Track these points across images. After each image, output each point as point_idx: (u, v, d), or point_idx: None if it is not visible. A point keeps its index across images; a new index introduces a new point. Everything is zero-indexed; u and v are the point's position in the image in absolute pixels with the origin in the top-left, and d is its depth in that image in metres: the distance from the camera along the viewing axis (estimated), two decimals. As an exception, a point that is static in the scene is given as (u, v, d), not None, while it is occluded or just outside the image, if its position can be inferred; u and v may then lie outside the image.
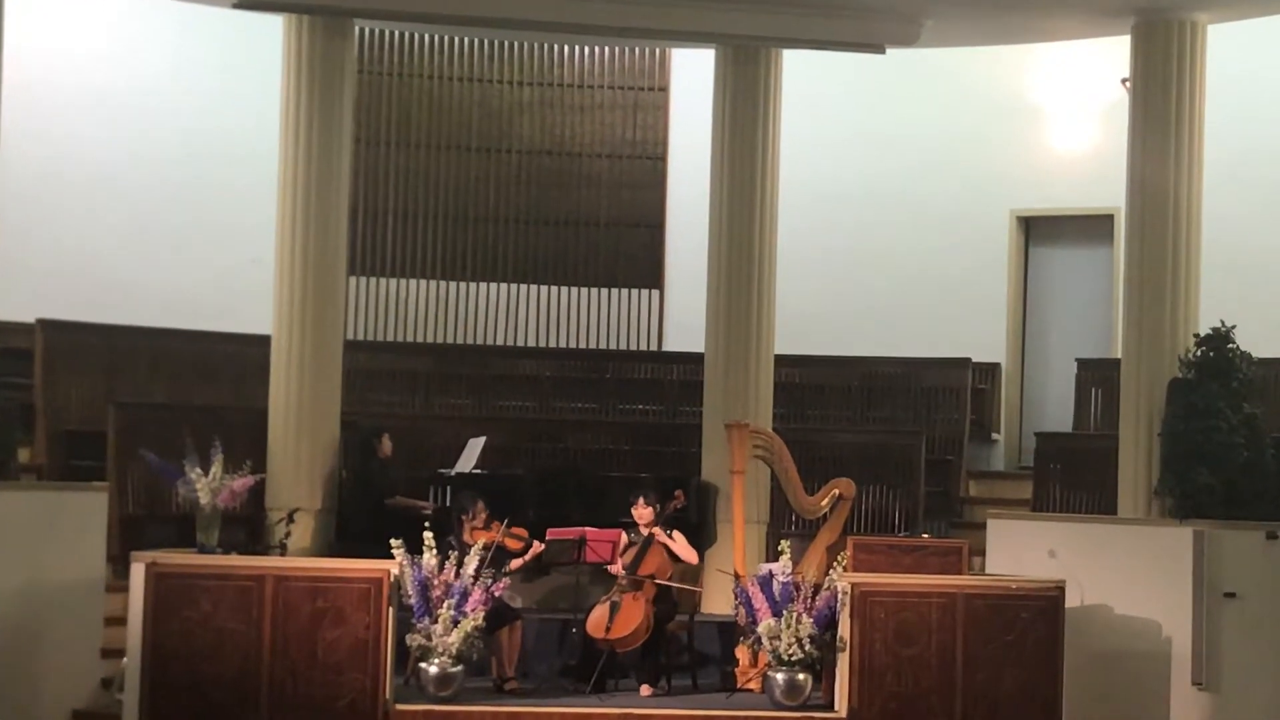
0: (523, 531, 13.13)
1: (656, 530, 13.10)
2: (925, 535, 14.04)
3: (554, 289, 18.59)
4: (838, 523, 13.82)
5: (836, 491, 13.88)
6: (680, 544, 13.17)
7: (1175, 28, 14.29)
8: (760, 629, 12.06)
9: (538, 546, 13.05)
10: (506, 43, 18.41)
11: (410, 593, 11.75)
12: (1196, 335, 13.83)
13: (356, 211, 17.37)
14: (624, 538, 13.16)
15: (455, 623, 11.70)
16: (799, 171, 16.80)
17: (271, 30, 15.20)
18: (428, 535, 11.93)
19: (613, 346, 18.55)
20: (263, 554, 13.24)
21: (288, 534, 13.92)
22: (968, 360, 17.69)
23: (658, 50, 18.64)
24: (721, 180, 15.59)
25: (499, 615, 12.38)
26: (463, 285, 18.48)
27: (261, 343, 15.16)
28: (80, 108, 17.00)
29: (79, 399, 15.69)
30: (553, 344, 18.47)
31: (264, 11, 14.93)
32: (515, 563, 13.03)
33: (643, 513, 13.15)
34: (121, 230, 17.11)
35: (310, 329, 14.70)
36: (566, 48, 18.56)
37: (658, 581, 12.88)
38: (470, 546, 12.34)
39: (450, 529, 12.92)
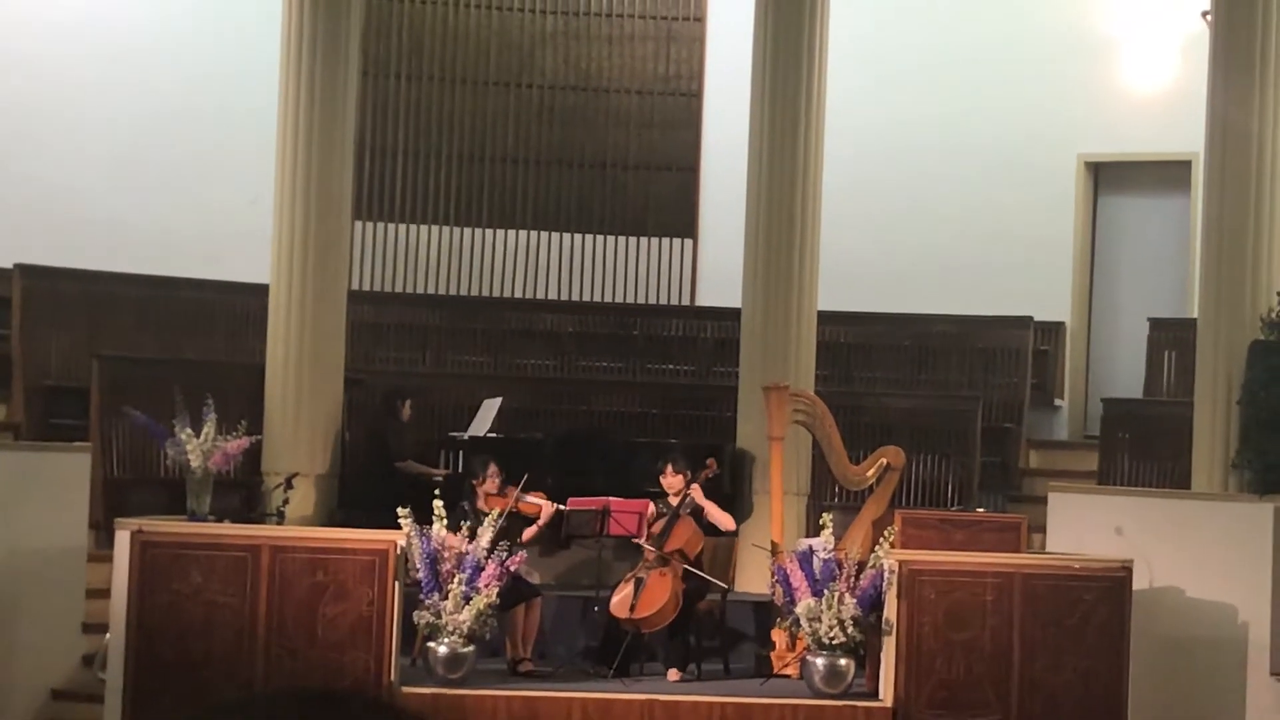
0: (540, 495, 13.16)
1: (694, 489, 13.08)
2: (980, 509, 14.03)
3: (577, 237, 18.60)
4: (885, 495, 13.80)
5: (884, 461, 13.85)
6: (715, 510, 13.16)
7: (1261, -45, 14.20)
8: (799, 610, 12.03)
9: (550, 508, 13.06)
10: (528, -33, 18.45)
11: (418, 566, 11.74)
12: (1280, 293, 13.81)
13: (363, 150, 17.39)
14: (651, 509, 13.17)
15: (467, 599, 11.69)
16: (846, 112, 16.71)
17: (271, -51, 15.21)
18: (437, 504, 11.94)
19: (641, 300, 18.56)
20: (258, 522, 13.26)
21: (286, 501, 13.90)
22: (1029, 319, 17.67)
23: (694, -24, 18.65)
24: (762, 120, 15.52)
25: (514, 592, 12.38)
26: (478, 232, 18.50)
27: (259, 292, 15.19)
28: (58, 31, 17.01)
29: (59, 351, 15.75)
30: (576, 297, 18.48)
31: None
32: (529, 531, 13.04)
33: (671, 481, 13.15)
34: (105, 166, 17.15)
35: (312, 278, 14.70)
36: (594, -28, 18.59)
37: (684, 566, 12.86)
38: (485, 514, 12.37)
39: (461, 496, 12.94)
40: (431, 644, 11.82)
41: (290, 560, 11.68)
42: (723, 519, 13.23)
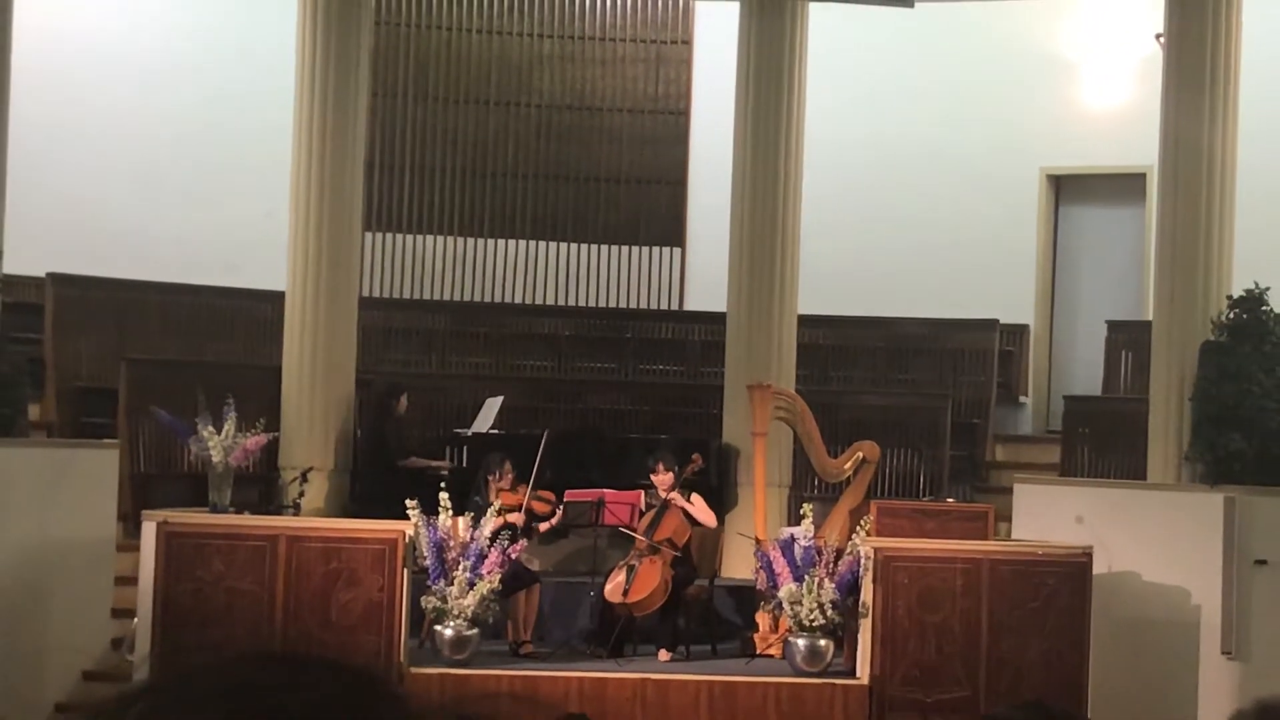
0: (549, 494, 13.22)
1: (674, 495, 13.14)
2: (950, 500, 14.07)
3: (573, 246, 18.61)
4: (861, 486, 13.84)
5: (860, 454, 13.90)
6: (699, 507, 13.22)
7: (1211, -19, 14.25)
8: (781, 594, 12.08)
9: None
10: (526, -6, 18.47)
11: (425, 554, 11.79)
12: (1229, 297, 13.79)
13: (372, 166, 17.41)
14: (643, 499, 13.21)
15: (471, 585, 11.73)
16: (824, 127, 16.78)
17: (286, -21, 15.25)
18: (443, 496, 11.98)
19: (633, 305, 18.57)
20: (276, 514, 13.27)
21: (301, 494, 13.91)
22: (995, 322, 17.69)
23: (681, 2, 18.63)
24: (745, 136, 15.59)
25: (516, 578, 12.42)
26: (480, 242, 18.52)
27: (275, 299, 15.22)
28: (90, 54, 17.05)
29: (89, 355, 15.80)
30: (572, 302, 18.49)
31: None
32: (544, 525, 13.13)
33: (663, 478, 13.17)
34: (131, 181, 17.17)
35: (325, 285, 14.72)
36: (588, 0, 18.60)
37: (672, 552, 12.89)
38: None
39: (470, 489, 12.98)
40: (438, 627, 11.86)
41: (306, 549, 11.72)
42: (705, 516, 13.25)
